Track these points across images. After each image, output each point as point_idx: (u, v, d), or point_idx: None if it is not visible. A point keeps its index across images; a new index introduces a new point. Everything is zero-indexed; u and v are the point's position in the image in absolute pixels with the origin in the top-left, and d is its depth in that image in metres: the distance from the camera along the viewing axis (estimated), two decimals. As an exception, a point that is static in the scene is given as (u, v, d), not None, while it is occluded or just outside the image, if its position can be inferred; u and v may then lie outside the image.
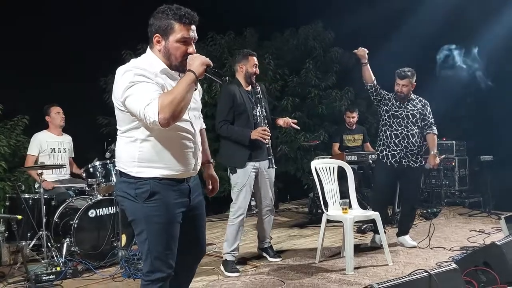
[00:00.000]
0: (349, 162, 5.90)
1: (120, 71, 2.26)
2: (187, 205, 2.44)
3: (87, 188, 4.95)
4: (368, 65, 4.93)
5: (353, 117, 7.04)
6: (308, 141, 7.96)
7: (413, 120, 4.92)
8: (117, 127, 2.38)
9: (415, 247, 4.90)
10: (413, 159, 4.90)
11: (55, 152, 5.31)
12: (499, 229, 5.02)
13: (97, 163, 4.95)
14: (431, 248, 4.82)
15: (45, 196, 4.59)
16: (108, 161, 4.98)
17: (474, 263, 3.32)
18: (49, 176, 5.13)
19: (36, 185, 5.06)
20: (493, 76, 8.31)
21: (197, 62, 2.22)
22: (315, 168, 4.70)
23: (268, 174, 4.46)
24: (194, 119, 2.43)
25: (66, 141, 5.49)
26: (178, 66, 2.30)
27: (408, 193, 5.07)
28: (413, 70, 4.92)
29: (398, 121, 4.88)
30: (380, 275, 4.02)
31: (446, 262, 4.04)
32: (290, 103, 8.83)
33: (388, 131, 4.92)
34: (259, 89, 4.41)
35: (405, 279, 2.66)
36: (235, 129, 4.22)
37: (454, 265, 2.95)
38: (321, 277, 4.03)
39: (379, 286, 2.53)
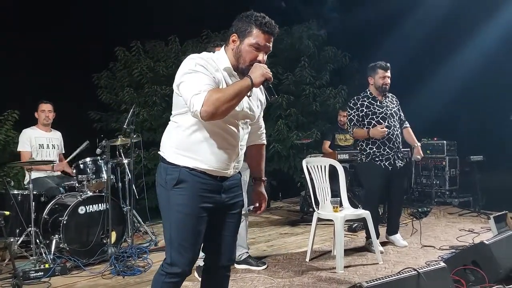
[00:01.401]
0: (341, 161, 5.91)
1: (187, 58, 2.29)
2: (217, 202, 2.37)
3: (77, 185, 4.92)
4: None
5: (344, 116, 7.06)
6: (301, 139, 7.98)
7: (396, 118, 4.93)
8: (172, 111, 2.39)
9: (406, 246, 4.92)
10: (401, 158, 4.93)
11: (43, 148, 5.28)
12: (488, 228, 5.04)
13: (88, 159, 4.93)
14: (421, 247, 4.84)
15: (34, 192, 4.56)
16: (98, 157, 4.96)
17: (463, 262, 3.34)
18: (39, 173, 5.10)
19: (26, 181, 5.02)
20: (485, 76, 8.36)
21: (259, 71, 2.23)
22: (307, 166, 4.70)
23: (244, 173, 4.23)
24: (242, 125, 2.40)
25: (55, 137, 5.46)
26: (244, 69, 2.30)
27: (399, 193, 5.07)
28: None
29: (386, 123, 4.79)
30: (370, 273, 4.03)
31: (436, 261, 4.05)
32: (284, 101, 8.84)
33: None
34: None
35: (394, 277, 2.66)
36: None
37: (442, 264, 2.96)
38: (311, 275, 4.03)
39: (368, 284, 2.53)
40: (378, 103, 4.86)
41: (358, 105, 4.86)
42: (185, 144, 2.30)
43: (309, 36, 9.57)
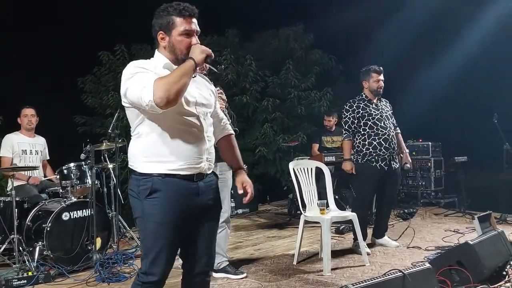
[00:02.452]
0: (328, 163, 5.94)
1: (125, 68, 2.29)
2: (194, 206, 2.34)
3: (61, 191, 4.85)
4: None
5: (329, 121, 7.14)
6: (287, 142, 7.99)
7: (391, 121, 5.01)
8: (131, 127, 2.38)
9: (398, 246, 4.95)
10: (395, 160, 4.96)
11: (26, 153, 5.21)
12: (473, 228, 5.08)
13: (72, 164, 4.87)
14: (407, 248, 4.86)
15: (17, 199, 4.48)
16: (83, 162, 4.90)
17: (448, 263, 3.35)
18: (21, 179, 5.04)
19: (8, 188, 4.95)
20: (469, 78, 8.45)
21: (198, 50, 2.24)
22: (293, 169, 4.70)
23: (225, 178, 4.05)
24: (203, 115, 2.38)
25: (39, 143, 5.39)
26: (184, 59, 2.27)
27: (391, 194, 5.09)
28: None
29: (382, 124, 4.86)
30: (357, 275, 4.03)
31: (421, 262, 4.06)
32: (270, 104, 8.85)
33: (377, 136, 4.83)
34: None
35: (380, 279, 2.66)
36: None
37: (427, 265, 2.97)
38: (299, 278, 4.02)
39: (354, 286, 2.53)
40: (373, 106, 4.94)
41: (354, 107, 4.93)
42: (153, 149, 2.27)
43: (295, 39, 9.60)
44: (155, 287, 2.31)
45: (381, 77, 4.93)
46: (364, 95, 5.00)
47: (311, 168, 4.78)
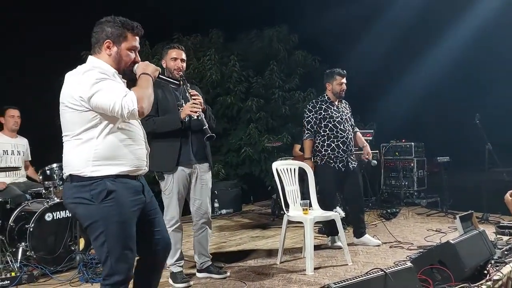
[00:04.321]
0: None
1: (76, 71, 2.37)
2: (143, 202, 2.50)
3: (43, 191, 4.81)
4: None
5: None
6: (272, 142, 8.01)
7: (350, 123, 5.19)
8: (65, 132, 2.40)
9: (379, 245, 5.01)
10: (353, 159, 5.14)
11: (7, 154, 5.16)
12: (455, 228, 5.15)
13: (54, 165, 4.82)
14: (389, 247, 4.92)
15: (0, 199, 4.45)
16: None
17: (430, 262, 3.39)
18: (3, 179, 4.98)
19: (-10, 188, 4.89)
20: (451, 79, 8.56)
21: (152, 67, 2.49)
22: (276, 169, 4.72)
23: (205, 180, 4.03)
24: (139, 121, 2.56)
25: (21, 143, 5.34)
26: (125, 71, 2.50)
27: (354, 191, 5.18)
28: None
29: (342, 126, 5.02)
30: (339, 275, 4.07)
31: (404, 261, 4.11)
32: (254, 104, 8.86)
33: (336, 139, 4.99)
34: (188, 86, 3.82)
35: (361, 278, 2.69)
36: (160, 118, 3.77)
37: (409, 264, 3.00)
38: (282, 277, 4.04)
39: (336, 285, 2.55)
40: (334, 108, 5.08)
41: (317, 108, 5.07)
42: (104, 153, 2.34)
43: (279, 40, 9.62)
44: (124, 285, 2.37)
45: (344, 80, 5.08)
46: (326, 97, 5.14)
47: (294, 168, 4.81)
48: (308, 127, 5.05)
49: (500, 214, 6.09)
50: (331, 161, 4.98)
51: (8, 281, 3.95)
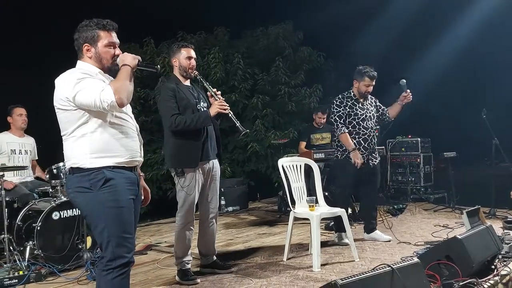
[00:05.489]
0: (317, 160, 5.97)
1: (63, 76, 2.52)
2: (136, 194, 2.65)
3: (50, 190, 4.84)
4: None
5: (323, 118, 7.14)
6: (278, 139, 8.00)
7: (374, 121, 5.13)
8: (62, 132, 2.55)
9: (389, 241, 5.00)
10: (374, 156, 5.09)
11: (15, 153, 5.19)
12: (462, 223, 5.13)
13: (61, 164, 4.83)
14: (397, 243, 4.90)
15: (7, 199, 4.48)
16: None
17: (437, 257, 3.38)
18: (11, 178, 5.01)
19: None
20: (458, 73, 8.51)
21: (130, 57, 2.58)
22: (282, 166, 4.72)
23: (217, 175, 4.10)
24: (131, 115, 2.73)
25: (28, 142, 5.37)
26: (109, 67, 2.62)
27: (371, 189, 5.16)
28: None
29: (365, 124, 4.99)
30: (346, 271, 4.06)
31: (411, 256, 4.10)
32: (260, 101, 8.85)
33: (358, 135, 4.98)
34: (209, 83, 3.99)
35: (368, 274, 2.68)
36: (190, 116, 3.79)
37: (416, 260, 3.00)
38: (289, 274, 4.04)
39: (343, 282, 2.55)
40: (360, 105, 5.05)
41: (344, 104, 5.03)
42: (99, 146, 2.48)
43: (285, 37, 9.61)
44: (126, 268, 2.48)
45: (373, 83, 5.01)
46: (352, 93, 5.09)
47: (300, 165, 4.80)
48: (341, 121, 5.00)
49: (507, 209, 6.07)
50: (351, 157, 4.92)
51: (16, 280, 3.97)
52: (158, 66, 2.78)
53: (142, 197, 2.89)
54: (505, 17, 7.82)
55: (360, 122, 4.99)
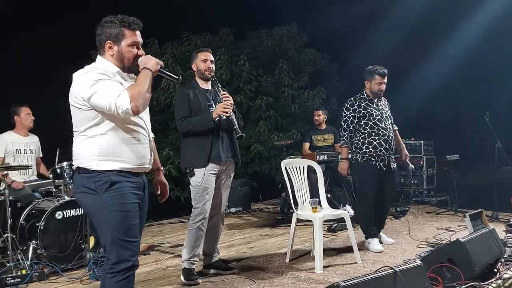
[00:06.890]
0: (320, 162, 5.97)
1: (80, 72, 2.47)
2: (141, 199, 2.60)
3: (54, 189, 4.85)
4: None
5: (318, 115, 7.16)
6: (281, 141, 8.01)
7: (390, 121, 5.02)
8: (74, 128, 2.52)
9: (393, 243, 5.00)
10: (393, 159, 5.00)
11: (20, 153, 5.21)
12: (464, 226, 5.12)
13: (65, 163, 4.86)
14: (399, 246, 4.90)
15: (11, 198, 4.49)
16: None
17: (440, 260, 3.39)
18: (15, 177, 5.03)
19: (1, 187, 4.94)
20: (460, 77, 8.50)
21: (153, 61, 2.51)
22: (285, 167, 4.72)
23: (230, 176, 4.21)
24: (147, 121, 2.66)
25: (33, 141, 5.40)
26: (130, 67, 2.56)
27: (389, 193, 5.11)
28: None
29: (383, 124, 4.85)
30: (349, 273, 4.06)
31: (413, 259, 4.10)
32: (264, 103, 8.86)
33: (378, 137, 4.81)
34: (220, 86, 4.08)
35: (371, 276, 2.69)
36: (194, 119, 3.95)
37: (418, 262, 3.00)
38: (291, 276, 4.05)
39: (345, 284, 2.55)
40: (374, 105, 4.91)
41: (356, 106, 4.89)
42: (107, 150, 2.45)
43: (290, 39, 9.61)
44: (130, 272, 2.47)
45: (385, 80, 4.88)
46: (365, 94, 4.96)
47: (303, 167, 4.80)
48: (345, 126, 4.89)
49: (510, 212, 6.06)
50: (373, 159, 4.80)
51: (19, 279, 3.99)
52: (180, 77, 2.76)
53: (159, 192, 2.95)
54: (511, 21, 7.80)
55: (378, 123, 4.82)
